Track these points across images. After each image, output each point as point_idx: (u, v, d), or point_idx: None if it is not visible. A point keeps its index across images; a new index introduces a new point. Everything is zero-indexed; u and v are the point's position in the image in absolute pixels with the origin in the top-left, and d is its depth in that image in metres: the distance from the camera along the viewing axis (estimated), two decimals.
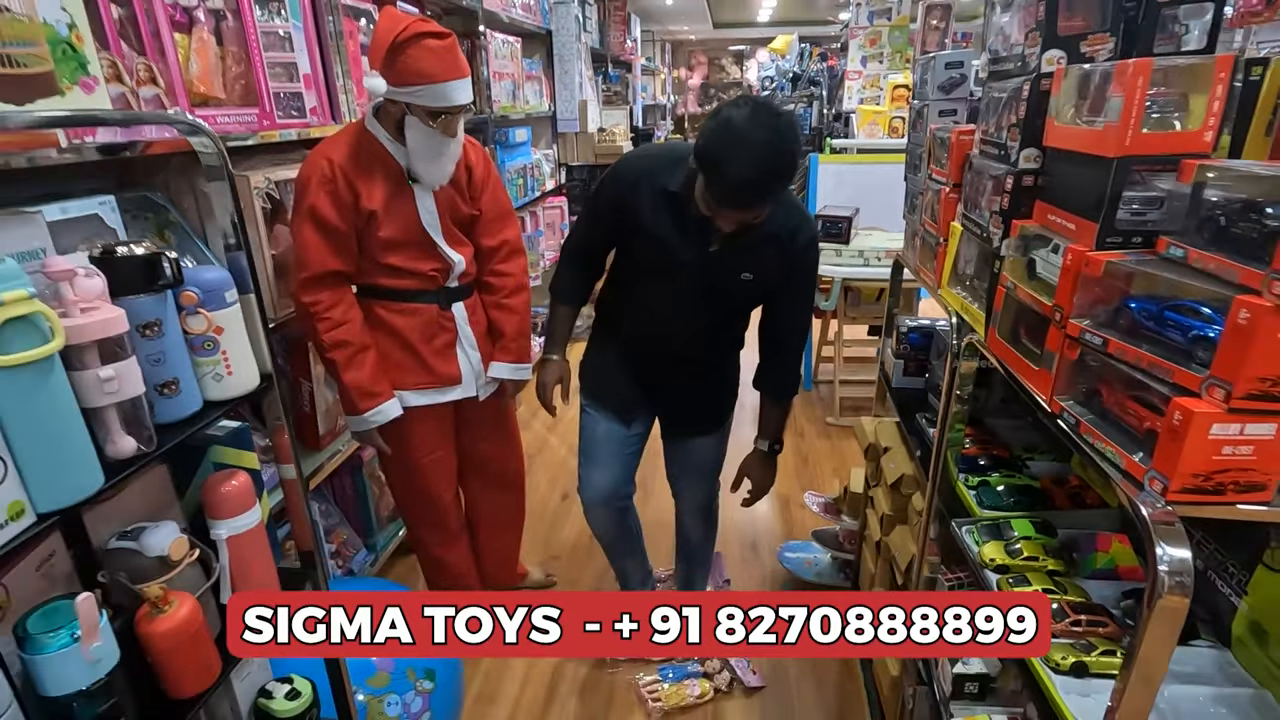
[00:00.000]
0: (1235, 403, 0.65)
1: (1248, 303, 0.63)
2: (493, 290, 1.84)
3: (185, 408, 0.92)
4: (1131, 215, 0.84)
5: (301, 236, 1.58)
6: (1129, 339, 0.77)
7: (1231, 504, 0.69)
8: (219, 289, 0.94)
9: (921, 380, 1.84)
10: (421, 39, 1.47)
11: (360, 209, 1.59)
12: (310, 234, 1.57)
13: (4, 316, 0.63)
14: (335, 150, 1.60)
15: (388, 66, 1.49)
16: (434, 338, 1.75)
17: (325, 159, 1.57)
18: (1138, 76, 0.76)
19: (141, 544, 0.92)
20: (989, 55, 1.22)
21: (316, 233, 1.57)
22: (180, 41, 1.55)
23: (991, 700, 1.25)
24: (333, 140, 1.63)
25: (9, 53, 0.65)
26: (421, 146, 1.58)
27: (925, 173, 1.55)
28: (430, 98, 1.51)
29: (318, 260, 1.57)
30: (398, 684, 1.57)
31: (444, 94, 1.51)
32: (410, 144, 1.58)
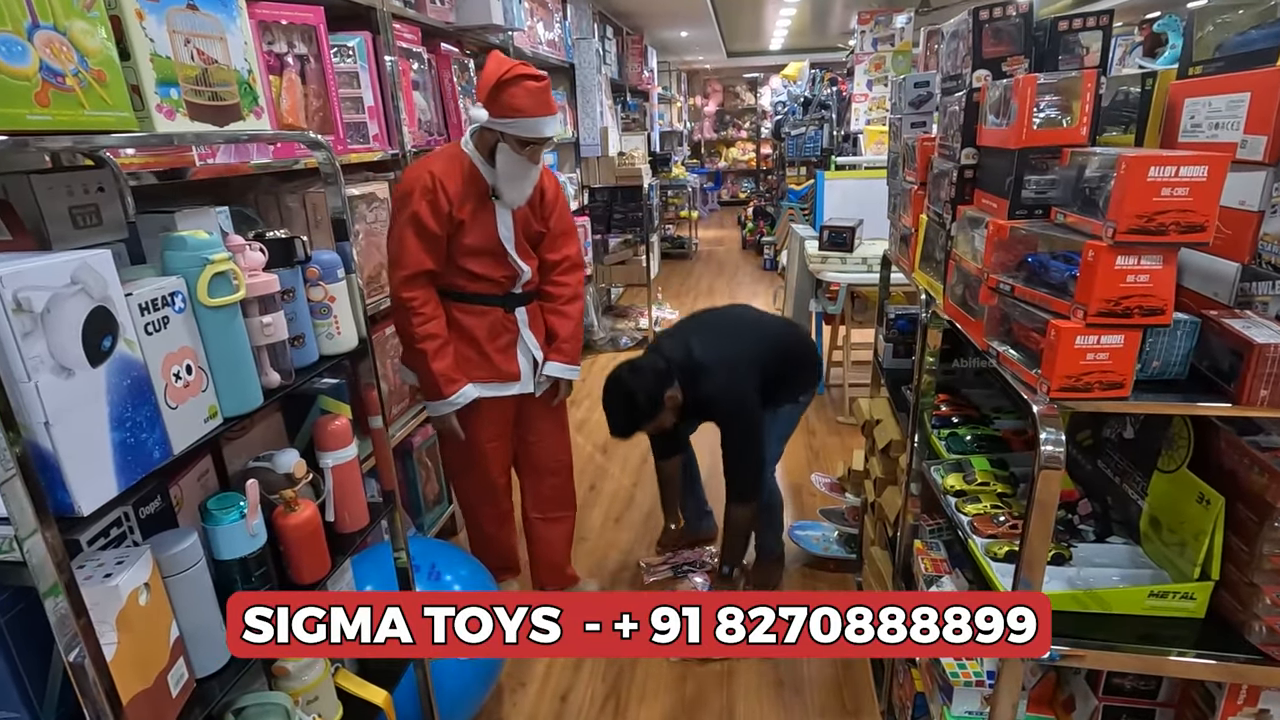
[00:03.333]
0: (1090, 319, 0.88)
1: (1092, 245, 0.87)
2: (551, 298, 2.15)
3: (308, 357, 1.20)
4: (1035, 194, 1.08)
5: (403, 238, 1.86)
6: (1028, 285, 1.01)
7: (1098, 399, 0.92)
8: (333, 267, 1.22)
9: (908, 361, 2.08)
10: (521, 80, 1.78)
11: (453, 217, 1.87)
12: (410, 237, 1.85)
13: (215, 270, 0.91)
14: (436, 165, 1.89)
15: (491, 100, 1.79)
16: (498, 337, 2.04)
17: (428, 172, 1.86)
18: (1027, 88, 1.02)
19: (274, 463, 1.19)
20: (942, 75, 1.48)
21: (416, 236, 1.85)
22: (274, 82, 1.88)
23: None
24: (434, 156, 1.94)
25: (216, 90, 0.94)
26: (509, 171, 1.88)
27: (901, 177, 1.80)
28: (522, 130, 1.81)
29: (415, 260, 1.86)
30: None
31: (534, 127, 1.81)
32: (500, 168, 1.88)
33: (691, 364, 2.11)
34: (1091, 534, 1.18)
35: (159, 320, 0.86)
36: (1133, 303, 0.87)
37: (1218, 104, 1.03)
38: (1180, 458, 1.06)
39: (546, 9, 4.12)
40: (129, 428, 0.80)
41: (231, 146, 1.53)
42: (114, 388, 0.78)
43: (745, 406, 2.10)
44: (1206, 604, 1.02)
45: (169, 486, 1.05)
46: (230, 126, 0.98)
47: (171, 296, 0.88)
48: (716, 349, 2.14)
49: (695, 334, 2.20)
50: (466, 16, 2.84)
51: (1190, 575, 1.02)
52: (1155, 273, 0.86)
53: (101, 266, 0.77)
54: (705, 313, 2.38)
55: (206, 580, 0.97)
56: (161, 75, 0.86)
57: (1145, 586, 1.03)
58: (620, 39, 6.55)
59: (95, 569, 0.84)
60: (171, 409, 0.87)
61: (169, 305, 0.87)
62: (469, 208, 1.89)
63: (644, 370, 2.09)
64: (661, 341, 2.24)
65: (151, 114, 0.85)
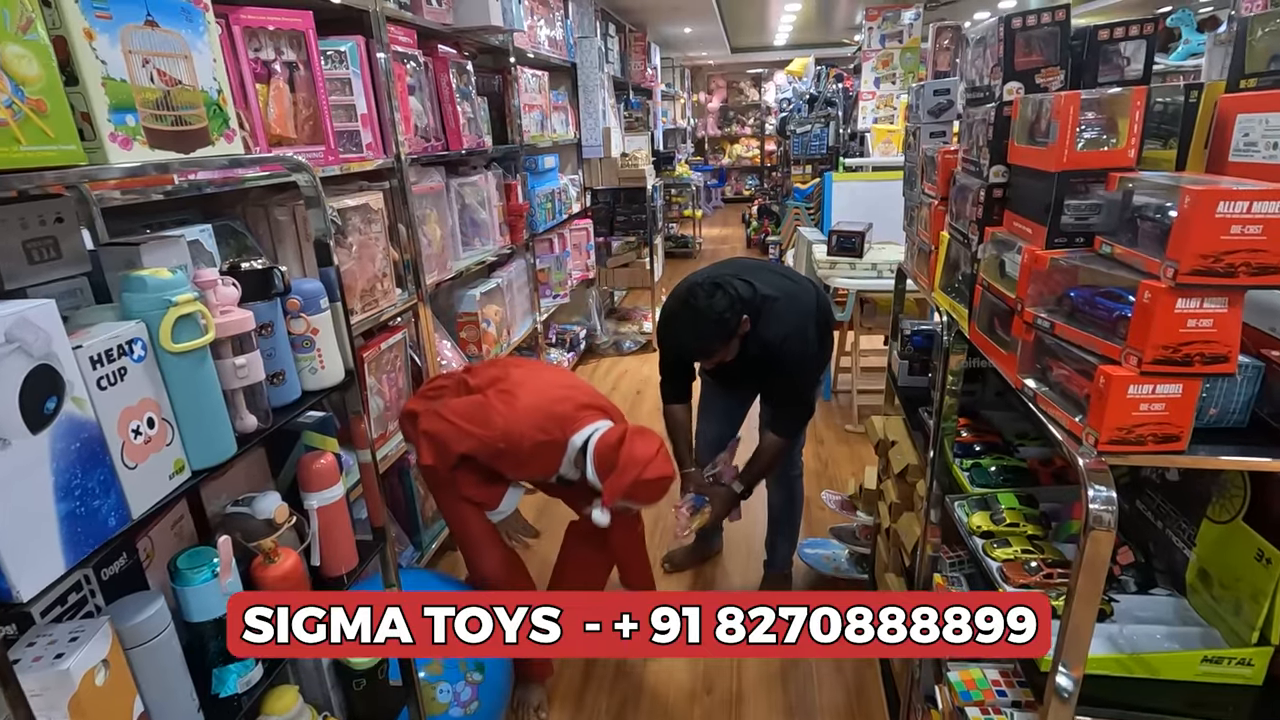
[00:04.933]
0: (1146, 367, 0.80)
1: (1149, 285, 0.78)
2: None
3: (289, 395, 1.12)
4: (1075, 220, 0.99)
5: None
6: (1070, 322, 0.92)
7: (1152, 453, 0.83)
8: (316, 297, 1.14)
9: (925, 379, 1.99)
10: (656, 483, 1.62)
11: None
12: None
13: (179, 314, 0.83)
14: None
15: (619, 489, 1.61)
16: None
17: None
18: (1069, 106, 0.93)
19: (253, 509, 1.11)
20: (966, 85, 1.38)
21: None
22: (260, 91, 1.79)
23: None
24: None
25: (180, 114, 0.86)
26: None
27: (919, 189, 1.71)
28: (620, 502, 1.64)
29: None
30: (450, 674, 1.71)
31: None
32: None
33: (757, 299, 1.90)
34: (1133, 584, 1.10)
35: (115, 373, 0.78)
36: (1193, 349, 0.78)
37: (1276, 121, 0.94)
38: (1235, 508, 0.97)
39: (547, 7, 4.02)
40: (78, 496, 0.72)
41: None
42: (60, 454, 0.70)
43: (810, 346, 1.97)
44: (1265, 670, 0.94)
45: (136, 541, 0.98)
46: (198, 153, 0.90)
47: (129, 345, 0.80)
48: (779, 287, 1.97)
49: (747, 273, 1.98)
50: (464, 17, 2.75)
51: (1247, 639, 0.94)
52: (1220, 317, 0.77)
53: (44, 320, 0.68)
54: (737, 260, 2.21)
55: (175, 648, 0.90)
56: (116, 101, 0.78)
57: (1198, 651, 0.94)
58: (623, 36, 6.45)
59: (46, 647, 0.76)
60: (130, 469, 0.79)
61: (126, 354, 0.79)
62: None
63: (726, 288, 1.85)
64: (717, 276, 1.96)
65: (104, 144, 0.77)
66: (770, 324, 1.92)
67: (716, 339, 1.85)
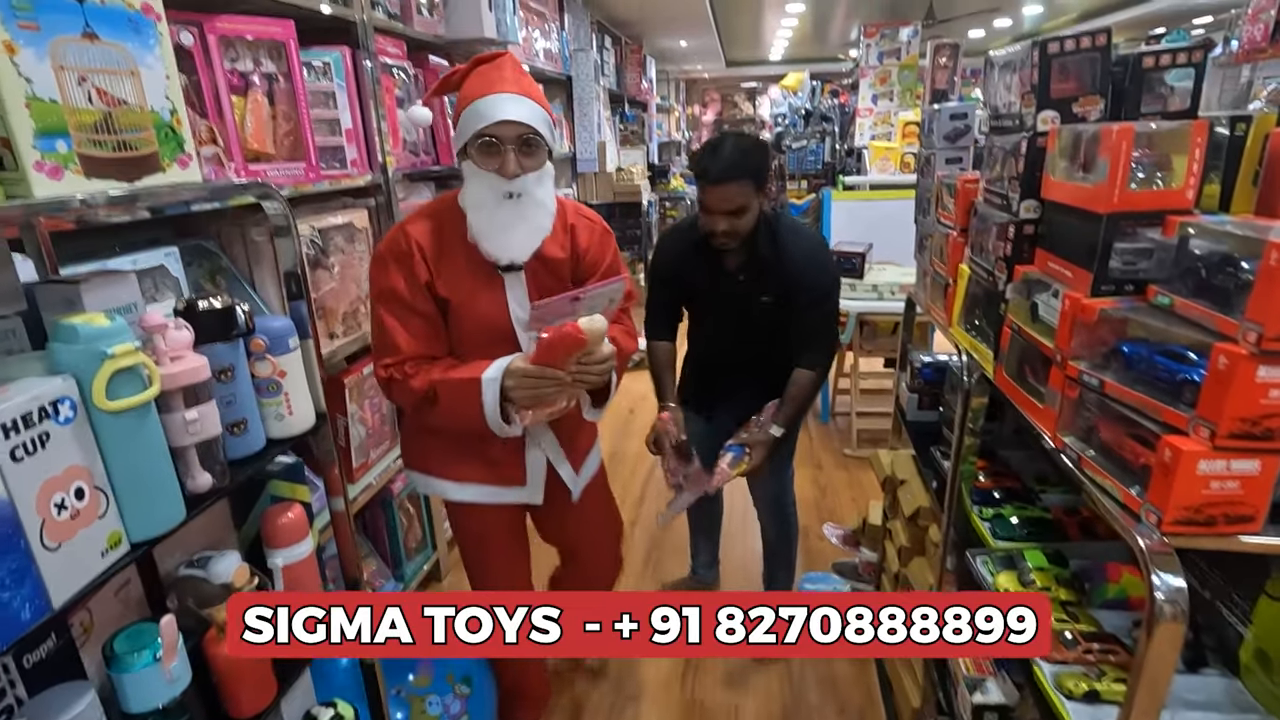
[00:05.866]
0: (1220, 441, 0.70)
1: (1226, 350, 0.69)
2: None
3: (252, 445, 1.00)
4: (1124, 265, 0.90)
5: (381, 321, 1.31)
6: (1123, 381, 0.83)
7: (1223, 535, 0.74)
8: (283, 336, 1.03)
9: (935, 413, 1.89)
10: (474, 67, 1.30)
11: (436, 293, 1.32)
12: (390, 320, 1.30)
13: (115, 367, 0.72)
14: (416, 224, 1.34)
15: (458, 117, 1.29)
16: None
17: (402, 231, 1.32)
18: (1122, 141, 0.84)
19: (208, 572, 1.00)
20: (990, 111, 1.30)
21: (397, 318, 1.30)
22: (236, 103, 1.69)
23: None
24: (417, 212, 1.38)
25: (124, 139, 0.75)
26: (479, 200, 1.26)
27: (933, 216, 1.62)
28: (473, 121, 1.23)
29: (407, 344, 1.30)
30: (438, 685, 1.67)
31: (482, 111, 1.21)
32: (468, 201, 1.29)
33: (774, 220, 1.80)
34: (1180, 663, 1.00)
35: (34, 440, 0.66)
36: (1275, 423, 0.69)
37: None
38: None
39: (543, 19, 3.94)
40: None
41: None
42: None
43: (831, 276, 1.86)
44: None
45: (69, 618, 0.86)
46: (144, 181, 0.79)
47: (53, 406, 0.69)
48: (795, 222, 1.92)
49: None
50: (457, 29, 2.66)
51: None
52: None
53: None
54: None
55: None
56: (44, 124, 0.67)
57: None
58: (619, 49, 6.39)
59: None
60: (51, 550, 0.68)
61: (50, 417, 0.68)
62: (462, 282, 1.32)
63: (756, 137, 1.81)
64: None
65: (27, 175, 0.66)
66: (790, 242, 1.80)
67: (751, 166, 1.67)
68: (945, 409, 1.86)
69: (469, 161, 1.28)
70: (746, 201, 1.69)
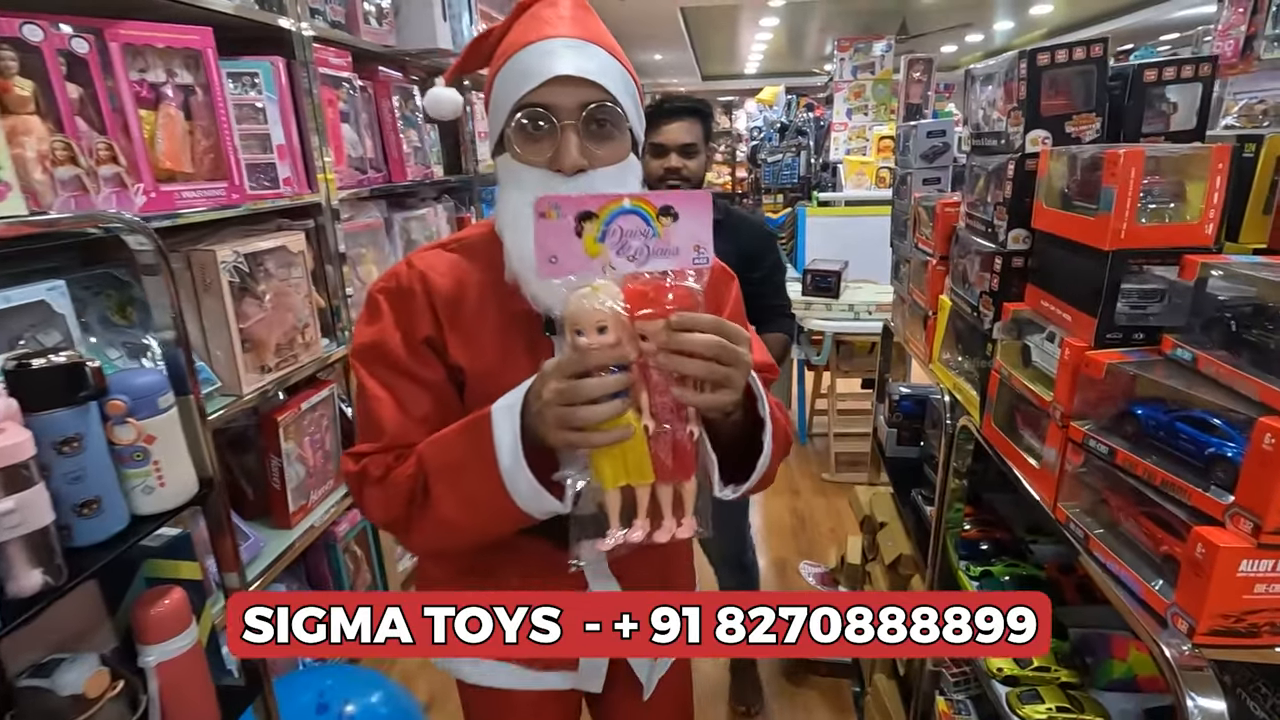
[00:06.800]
0: (1266, 537, 0.57)
1: (1273, 427, 0.56)
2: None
3: (109, 527, 0.84)
4: (1131, 309, 0.78)
5: (362, 390, 0.84)
6: (1137, 449, 0.70)
7: (1269, 647, 0.61)
8: (151, 394, 0.87)
9: (916, 449, 1.77)
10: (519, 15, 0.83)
11: (447, 358, 0.83)
12: (374, 386, 0.82)
13: None
14: (429, 256, 0.87)
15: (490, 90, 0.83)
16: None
17: (407, 264, 0.86)
18: (1130, 166, 0.71)
19: (54, 682, 0.83)
20: (971, 129, 1.18)
21: (384, 384, 0.82)
22: (147, 118, 1.52)
23: None
24: (438, 241, 0.92)
25: None
26: (518, 215, 0.77)
27: (911, 240, 1.50)
28: (512, 86, 0.77)
29: (396, 425, 0.81)
30: None
31: (526, 67, 0.75)
32: (504, 219, 0.81)
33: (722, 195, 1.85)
34: None
35: None
36: None
37: None
38: None
39: None
40: None
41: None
42: None
43: (777, 250, 1.90)
44: None
45: None
46: None
47: None
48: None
49: None
50: (409, 39, 2.51)
51: None
52: None
53: None
54: None
55: None
56: None
57: None
58: None
59: None
60: None
61: None
62: (483, 338, 0.84)
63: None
64: None
65: None
66: (738, 217, 1.86)
67: (699, 108, 1.70)
68: (926, 445, 1.73)
69: (505, 156, 0.80)
70: (695, 141, 1.68)
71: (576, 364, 0.62)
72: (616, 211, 0.62)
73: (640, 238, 0.62)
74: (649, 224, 0.62)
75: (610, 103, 0.76)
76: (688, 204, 0.63)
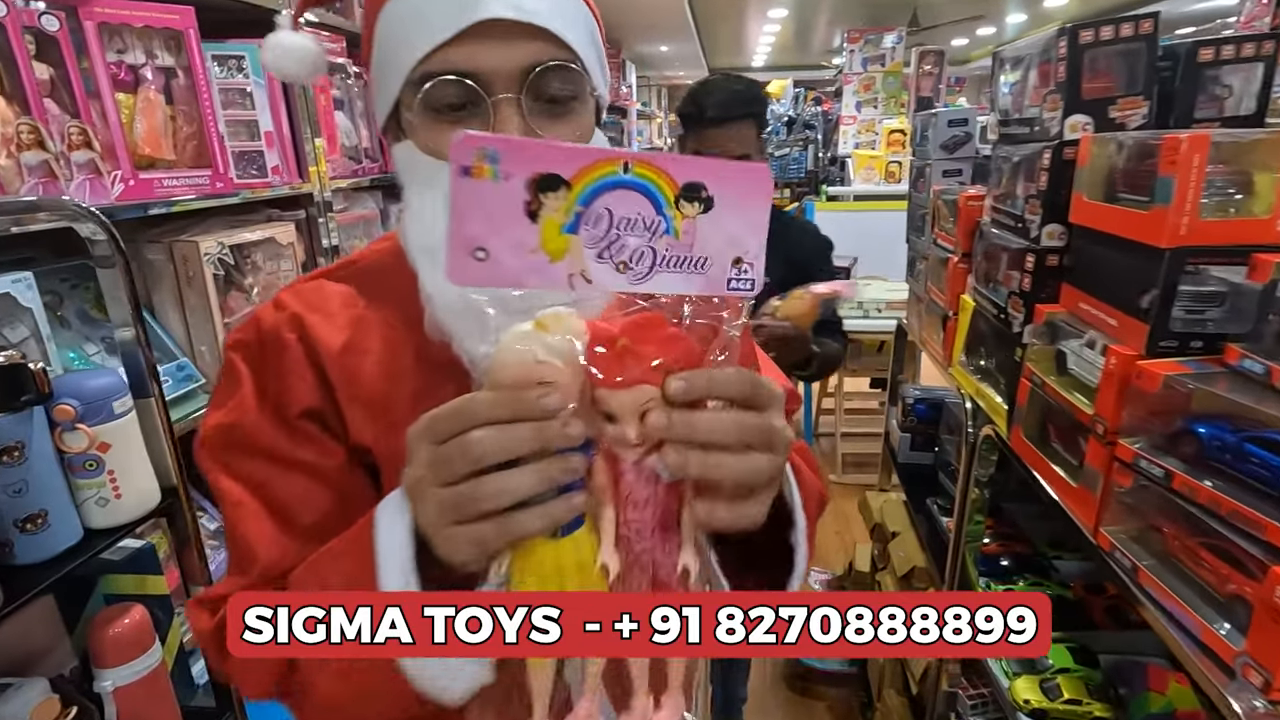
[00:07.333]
0: None
1: None
2: None
3: (58, 543, 0.77)
4: (1186, 314, 0.70)
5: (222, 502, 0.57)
6: (1198, 473, 0.62)
7: None
8: (105, 398, 0.79)
9: (930, 454, 1.69)
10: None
11: (347, 436, 0.58)
12: (238, 494, 0.56)
13: None
14: (305, 290, 0.61)
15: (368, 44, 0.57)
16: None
17: (273, 304, 0.60)
18: (1193, 154, 0.63)
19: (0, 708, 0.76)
20: (998, 116, 1.10)
21: (249, 489, 0.56)
22: (124, 101, 1.45)
23: None
24: (318, 270, 0.65)
25: None
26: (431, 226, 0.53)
27: (929, 236, 1.42)
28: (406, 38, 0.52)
29: (268, 544, 0.55)
30: None
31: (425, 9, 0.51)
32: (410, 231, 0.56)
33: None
34: None
35: None
36: None
37: None
38: None
39: None
40: None
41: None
42: None
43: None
44: None
45: None
46: None
47: None
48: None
49: None
50: None
51: None
52: None
53: None
54: None
55: None
56: None
57: None
58: None
59: None
60: None
61: None
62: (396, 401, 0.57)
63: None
64: None
65: None
66: (794, 225, 1.66)
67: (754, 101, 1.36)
68: (942, 451, 1.66)
69: (405, 144, 0.56)
70: (749, 149, 1.35)
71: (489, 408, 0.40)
72: (605, 182, 0.36)
73: (642, 232, 0.37)
74: (661, 210, 0.37)
75: (568, 62, 0.51)
76: (733, 184, 0.38)
